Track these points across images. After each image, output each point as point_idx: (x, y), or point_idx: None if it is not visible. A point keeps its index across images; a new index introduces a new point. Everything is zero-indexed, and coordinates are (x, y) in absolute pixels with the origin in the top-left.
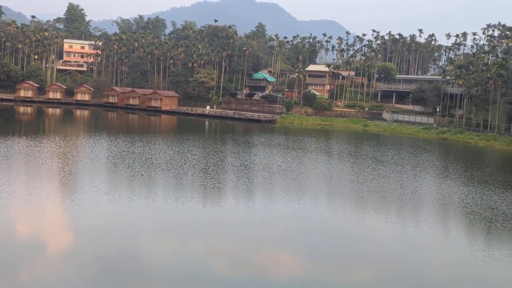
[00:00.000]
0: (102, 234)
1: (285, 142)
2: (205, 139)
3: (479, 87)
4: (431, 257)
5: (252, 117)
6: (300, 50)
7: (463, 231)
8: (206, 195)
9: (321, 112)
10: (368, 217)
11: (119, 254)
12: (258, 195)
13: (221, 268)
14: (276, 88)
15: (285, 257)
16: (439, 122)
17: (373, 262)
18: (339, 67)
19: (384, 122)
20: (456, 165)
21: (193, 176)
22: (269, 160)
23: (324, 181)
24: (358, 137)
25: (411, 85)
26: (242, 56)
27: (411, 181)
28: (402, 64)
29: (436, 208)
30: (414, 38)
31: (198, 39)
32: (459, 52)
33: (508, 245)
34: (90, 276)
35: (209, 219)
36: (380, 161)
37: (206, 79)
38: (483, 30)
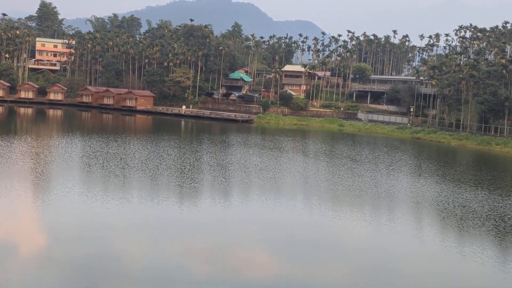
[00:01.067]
0: (75, 235)
1: (262, 141)
2: (181, 139)
3: (451, 88)
4: (405, 254)
5: (228, 117)
6: (276, 50)
7: (436, 228)
8: (182, 196)
9: (297, 112)
10: (344, 215)
11: (93, 255)
12: (235, 195)
13: (196, 269)
14: (252, 88)
15: (261, 257)
16: (413, 122)
17: (348, 260)
18: (315, 67)
19: (359, 122)
20: (429, 164)
21: (168, 177)
22: (245, 160)
23: (300, 180)
24: (334, 137)
25: (386, 86)
26: (218, 56)
27: (385, 179)
28: (376, 65)
29: (409, 206)
30: (388, 39)
31: (173, 38)
32: (432, 53)
33: (478, 241)
34: (63, 278)
35: (185, 219)
36: (355, 160)
37: (182, 79)
38: (455, 31)
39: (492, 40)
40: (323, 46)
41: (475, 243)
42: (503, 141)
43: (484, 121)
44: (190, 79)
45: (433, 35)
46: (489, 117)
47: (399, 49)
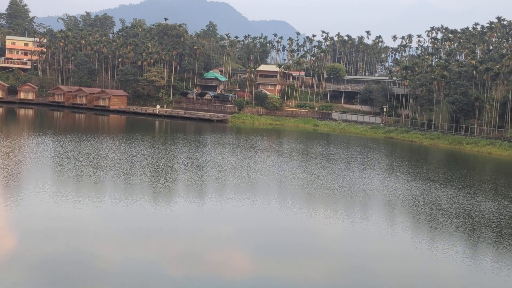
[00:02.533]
0: (47, 236)
1: (237, 141)
2: (155, 139)
3: (423, 88)
4: (378, 252)
5: (203, 117)
6: (251, 50)
7: (408, 225)
8: (156, 196)
9: (272, 112)
10: (318, 214)
11: (65, 256)
12: (210, 195)
13: (171, 269)
14: (227, 87)
15: (236, 256)
16: (386, 121)
17: (323, 258)
18: (289, 67)
19: (334, 121)
20: (401, 163)
21: (142, 177)
22: (220, 160)
23: (275, 180)
24: (309, 137)
25: (359, 86)
26: (193, 55)
27: (358, 178)
28: (350, 65)
29: (382, 204)
30: (362, 40)
31: (147, 37)
32: (405, 53)
33: (447, 238)
34: (33, 280)
35: (159, 220)
36: (329, 160)
37: (156, 78)
38: (427, 32)
39: (462, 41)
40: (298, 46)
41: (445, 240)
42: (473, 140)
43: (455, 121)
44: (164, 79)
45: (405, 36)
46: (460, 117)
47: (372, 49)
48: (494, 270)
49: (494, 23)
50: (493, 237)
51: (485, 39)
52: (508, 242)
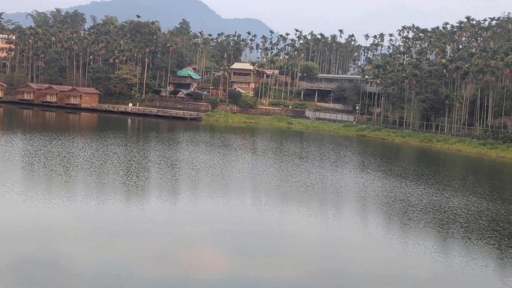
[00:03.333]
0: (15, 237)
1: (211, 139)
2: (128, 137)
3: (395, 86)
4: (351, 248)
5: (176, 115)
6: (225, 48)
7: (380, 222)
8: (128, 194)
9: (246, 110)
10: (291, 211)
11: (35, 257)
12: (183, 193)
13: (145, 269)
14: (201, 85)
15: (210, 255)
16: (358, 120)
17: (296, 255)
18: (263, 65)
19: (307, 120)
20: (373, 160)
21: (114, 175)
22: (194, 158)
23: (249, 177)
24: (282, 135)
25: (332, 84)
26: (166, 53)
27: (331, 175)
28: (324, 64)
29: (354, 201)
30: (335, 38)
31: (119, 34)
32: (377, 52)
33: (418, 234)
34: (2, 284)
35: (132, 218)
36: (303, 157)
37: (129, 76)
38: (398, 31)
39: (433, 40)
40: (272, 45)
41: (416, 235)
42: (444, 138)
43: (426, 119)
44: (136, 76)
45: (377, 35)
46: (430, 115)
47: (345, 48)
48: (462, 264)
49: (463, 23)
50: (461, 232)
51: (455, 39)
52: (476, 237)
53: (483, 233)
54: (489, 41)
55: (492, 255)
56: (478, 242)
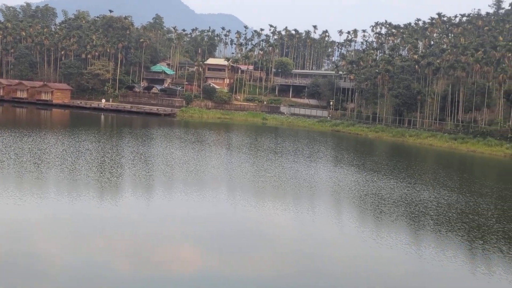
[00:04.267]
0: None
1: (185, 135)
2: (101, 134)
3: (368, 82)
4: (325, 242)
5: (150, 111)
6: (199, 43)
7: (353, 215)
8: (102, 191)
9: (221, 105)
10: (266, 206)
11: (5, 258)
12: (157, 190)
13: (119, 266)
14: (175, 81)
15: (185, 251)
16: (332, 115)
17: (271, 249)
18: (238, 61)
19: (282, 115)
20: (346, 155)
21: (87, 172)
22: (168, 154)
23: (224, 173)
24: (257, 130)
25: (307, 80)
26: (139, 48)
27: (305, 170)
28: (298, 59)
29: (328, 195)
30: (309, 34)
31: (92, 29)
32: (351, 48)
33: (390, 226)
34: None
35: (106, 215)
36: (277, 152)
37: (101, 71)
38: (371, 27)
39: (405, 36)
40: (246, 40)
41: (388, 228)
42: (416, 133)
43: (399, 114)
44: (109, 72)
45: (351, 31)
46: (403, 110)
47: (319, 44)
48: (432, 255)
49: (435, 19)
50: (432, 224)
51: (427, 35)
52: (446, 229)
53: (452, 225)
54: (460, 37)
55: (462, 246)
56: (448, 234)
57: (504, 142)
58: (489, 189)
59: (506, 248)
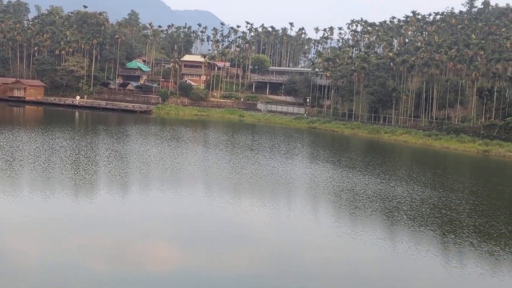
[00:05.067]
0: None
1: (161, 132)
2: (75, 131)
3: (344, 79)
4: (301, 237)
5: (126, 108)
6: (175, 40)
7: (329, 211)
8: (77, 189)
9: (197, 102)
10: (243, 202)
11: None
12: (133, 187)
13: (94, 266)
14: (151, 77)
15: (162, 247)
16: (309, 112)
17: (248, 245)
18: (214, 57)
19: (259, 112)
20: (322, 152)
21: (61, 169)
22: (144, 151)
23: (200, 170)
24: (234, 127)
25: (284, 77)
26: (114, 44)
27: (281, 166)
28: (275, 56)
29: (305, 191)
30: (285, 31)
31: (65, 25)
32: (327, 45)
33: (365, 222)
34: None
35: (81, 214)
36: (254, 149)
37: (76, 68)
38: (347, 25)
39: (380, 34)
40: (222, 37)
41: (363, 223)
42: (391, 129)
43: (374, 111)
44: (84, 68)
45: (327, 28)
46: (378, 107)
47: (295, 41)
48: (406, 249)
49: (409, 17)
50: (405, 219)
51: (402, 32)
52: (419, 224)
53: (425, 220)
54: (434, 35)
55: (434, 240)
56: (421, 228)
57: (476, 139)
58: (461, 184)
59: (477, 242)
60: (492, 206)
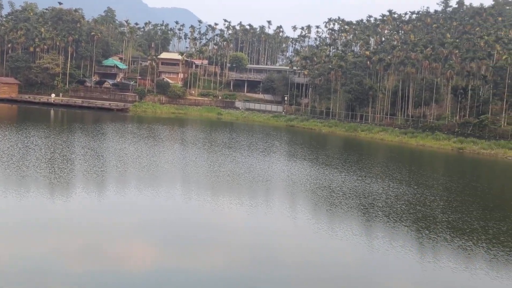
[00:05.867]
0: None
1: (138, 130)
2: (51, 129)
3: (322, 77)
4: (280, 235)
5: (102, 106)
6: (152, 37)
7: (306, 208)
8: (52, 189)
9: (175, 100)
10: (221, 200)
11: None
12: (109, 185)
13: (70, 266)
14: (128, 75)
15: (138, 248)
16: (287, 110)
17: (226, 244)
18: (192, 55)
19: (237, 110)
20: (300, 149)
21: (36, 168)
22: (120, 149)
23: (178, 168)
24: (212, 125)
25: (261, 75)
26: (90, 42)
27: (259, 164)
28: (253, 54)
29: (282, 189)
30: (263, 29)
31: (40, 22)
32: (305, 44)
33: (341, 218)
34: None
35: (56, 214)
36: (232, 147)
37: (51, 65)
38: (325, 23)
39: (357, 33)
40: (200, 35)
41: (340, 220)
42: (368, 127)
43: (351, 109)
44: (59, 66)
45: (305, 27)
46: (355, 105)
47: (273, 39)
48: (380, 245)
49: (386, 16)
50: (381, 216)
51: (378, 31)
52: (394, 220)
53: (400, 216)
54: (410, 34)
55: (409, 236)
56: (396, 224)
57: (451, 136)
58: (436, 181)
59: (450, 237)
60: (465, 202)
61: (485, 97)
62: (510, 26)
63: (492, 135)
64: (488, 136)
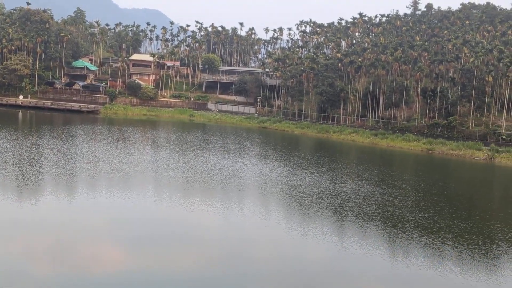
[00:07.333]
0: None
1: (109, 132)
2: (19, 131)
3: (294, 79)
4: (252, 236)
5: (72, 108)
6: (123, 39)
7: (278, 209)
8: (19, 190)
9: (146, 102)
10: (193, 202)
11: None
12: (79, 188)
13: (39, 269)
14: (98, 77)
15: (109, 249)
16: (259, 112)
17: (198, 245)
18: (164, 57)
19: (210, 112)
20: (272, 151)
21: (4, 171)
22: (91, 152)
23: (149, 170)
24: (184, 127)
25: (234, 77)
26: (59, 43)
27: (231, 166)
28: (225, 56)
29: (254, 190)
30: (235, 31)
31: (7, 22)
32: (277, 46)
33: (312, 218)
34: None
35: (24, 217)
36: (204, 149)
37: (19, 67)
38: (297, 26)
39: (329, 35)
40: (172, 36)
41: (311, 220)
42: (339, 129)
43: (323, 111)
44: (28, 67)
45: (277, 29)
46: (327, 107)
47: (246, 41)
48: (351, 243)
49: (356, 19)
50: (351, 215)
51: (349, 34)
52: (364, 219)
53: (370, 215)
54: (380, 36)
55: (378, 234)
56: (366, 223)
57: (421, 138)
58: (405, 181)
59: (417, 236)
60: (432, 201)
61: (453, 99)
62: (477, 29)
63: (460, 136)
64: (457, 137)
